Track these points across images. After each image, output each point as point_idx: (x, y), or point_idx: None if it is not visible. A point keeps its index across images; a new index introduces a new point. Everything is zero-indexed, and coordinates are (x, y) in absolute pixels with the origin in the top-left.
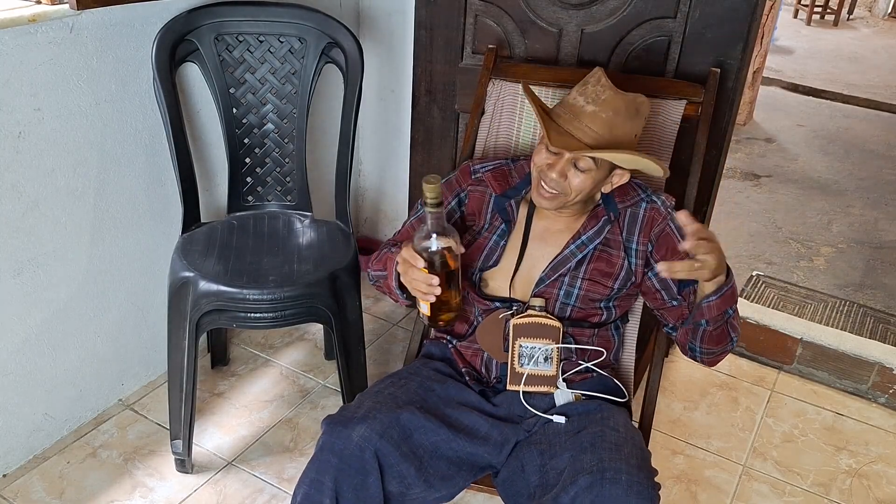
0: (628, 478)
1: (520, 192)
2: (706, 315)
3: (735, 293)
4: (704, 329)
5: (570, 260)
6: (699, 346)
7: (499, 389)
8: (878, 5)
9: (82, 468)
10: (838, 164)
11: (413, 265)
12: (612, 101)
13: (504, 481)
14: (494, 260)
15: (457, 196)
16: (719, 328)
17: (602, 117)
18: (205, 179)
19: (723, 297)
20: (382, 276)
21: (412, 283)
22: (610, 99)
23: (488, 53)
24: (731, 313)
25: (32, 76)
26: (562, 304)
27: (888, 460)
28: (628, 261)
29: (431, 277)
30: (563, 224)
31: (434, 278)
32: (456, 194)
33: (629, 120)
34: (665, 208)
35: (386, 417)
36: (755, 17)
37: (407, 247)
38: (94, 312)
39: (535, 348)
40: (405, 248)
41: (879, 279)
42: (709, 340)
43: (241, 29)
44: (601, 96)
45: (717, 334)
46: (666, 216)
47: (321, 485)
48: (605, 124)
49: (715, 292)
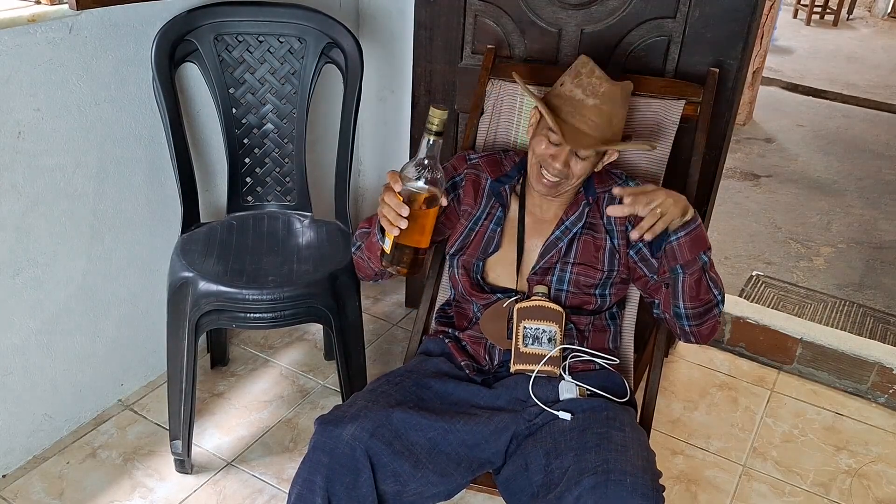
0: (633, 479)
1: (512, 179)
2: (679, 258)
3: (704, 237)
4: (683, 279)
5: (556, 245)
6: (683, 306)
7: (502, 375)
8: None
9: (82, 468)
10: (838, 164)
11: (391, 187)
12: (610, 94)
13: (506, 480)
14: (495, 246)
15: (452, 180)
16: (696, 275)
17: (604, 110)
18: (204, 179)
19: (692, 236)
20: (365, 234)
21: (384, 208)
22: (608, 91)
23: (488, 53)
24: (707, 261)
25: (32, 76)
26: (556, 291)
27: (888, 460)
28: (611, 242)
29: (402, 205)
30: (553, 214)
31: (405, 208)
32: (452, 178)
33: (623, 107)
34: None
35: (377, 416)
36: (755, 17)
37: (392, 170)
38: (94, 312)
39: (540, 329)
40: (390, 171)
41: (879, 279)
42: (690, 295)
43: (240, 29)
44: (600, 89)
45: (696, 286)
46: None
47: (313, 484)
48: (606, 116)
49: (682, 228)
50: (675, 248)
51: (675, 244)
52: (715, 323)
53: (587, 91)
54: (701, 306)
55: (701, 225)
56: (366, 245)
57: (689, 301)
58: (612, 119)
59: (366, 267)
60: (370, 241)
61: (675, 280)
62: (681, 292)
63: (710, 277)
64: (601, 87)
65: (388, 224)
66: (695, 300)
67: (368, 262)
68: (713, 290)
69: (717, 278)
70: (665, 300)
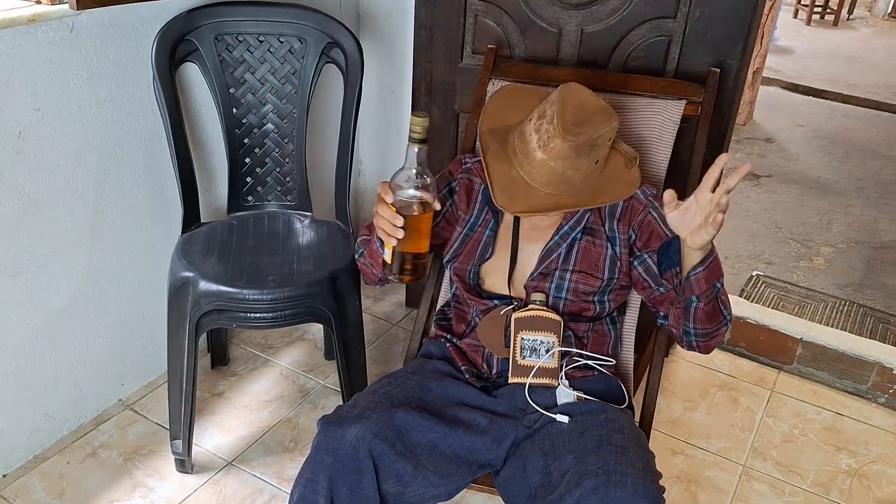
0: (634, 481)
1: None
2: (695, 290)
3: (719, 265)
4: (696, 306)
5: (555, 251)
6: (693, 327)
7: (500, 384)
8: (878, 5)
9: (82, 468)
10: (838, 164)
11: (383, 199)
12: (559, 150)
13: (505, 481)
14: (490, 253)
15: (448, 185)
16: (710, 303)
17: (550, 166)
18: (205, 179)
19: (709, 269)
20: (366, 240)
21: (378, 220)
22: (557, 148)
23: (488, 53)
24: (720, 287)
25: (32, 76)
26: (554, 298)
27: (888, 460)
28: (612, 249)
29: (397, 217)
30: (551, 220)
31: (399, 218)
32: (448, 183)
33: (582, 157)
34: (646, 197)
35: (380, 417)
36: (755, 17)
37: (383, 182)
38: (94, 312)
39: (537, 341)
40: (381, 183)
41: (879, 279)
42: (702, 319)
43: (240, 29)
44: (550, 143)
45: (709, 311)
46: (647, 205)
47: (316, 484)
48: (553, 171)
49: (701, 262)
50: (692, 283)
51: (694, 279)
52: (721, 338)
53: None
54: (711, 328)
55: (717, 256)
56: (367, 252)
57: (700, 324)
58: (563, 172)
59: (370, 273)
60: (371, 249)
61: (689, 306)
62: (693, 317)
63: (721, 301)
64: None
65: (385, 235)
66: (706, 323)
67: (372, 268)
68: (723, 312)
69: (726, 300)
70: (675, 319)
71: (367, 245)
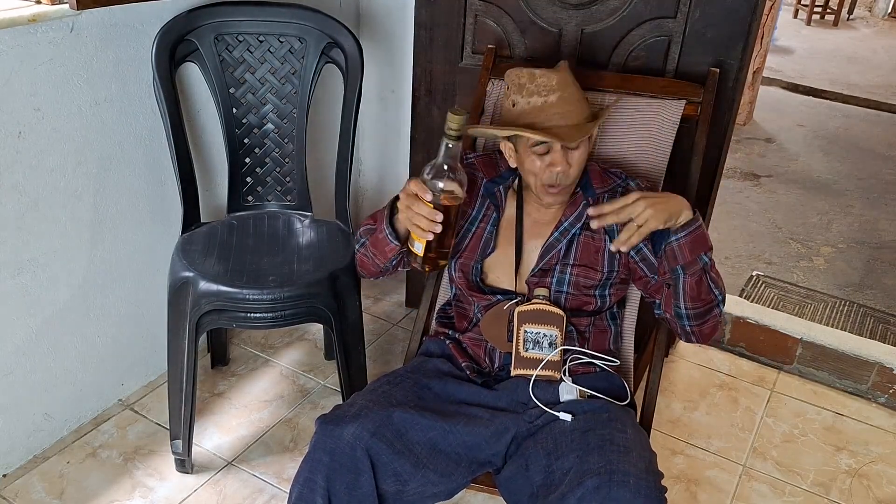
0: (636, 481)
1: (506, 180)
2: (679, 259)
3: (705, 238)
4: (684, 280)
5: (556, 247)
6: (683, 306)
7: (502, 377)
8: (878, 5)
9: (82, 468)
10: (838, 164)
11: (421, 197)
12: (561, 80)
13: (507, 480)
14: (492, 247)
15: None
16: (697, 276)
17: (567, 96)
18: (205, 179)
19: (692, 237)
20: (370, 230)
21: (413, 217)
22: (559, 80)
23: (488, 53)
24: (707, 261)
25: (32, 76)
26: (555, 293)
27: (888, 460)
28: (610, 242)
29: (436, 213)
30: (551, 216)
31: (438, 214)
32: None
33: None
34: (640, 189)
35: (378, 416)
36: (755, 17)
37: (415, 179)
38: (94, 312)
39: (540, 333)
40: (412, 180)
41: (879, 279)
42: (691, 296)
43: (241, 29)
44: (551, 83)
45: (697, 287)
46: None
47: (313, 483)
48: (574, 100)
49: (683, 228)
50: (675, 249)
51: (676, 245)
52: (716, 323)
53: (543, 92)
54: (702, 307)
55: (702, 226)
56: (371, 242)
57: (690, 301)
58: (579, 99)
59: (370, 264)
60: (376, 238)
61: (676, 281)
62: (682, 293)
63: (710, 278)
64: (552, 81)
65: (421, 231)
66: (696, 301)
67: (374, 258)
68: (714, 291)
69: (717, 279)
70: (666, 300)
71: (372, 235)
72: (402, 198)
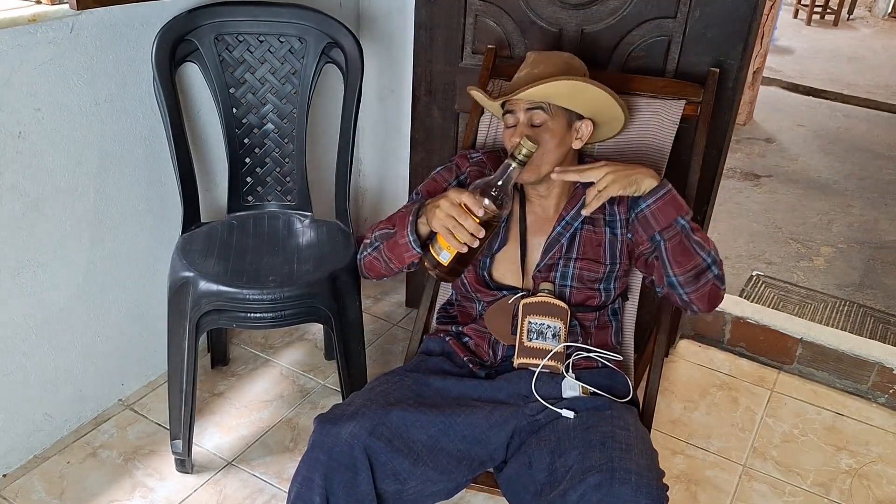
0: (638, 478)
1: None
2: (655, 226)
3: (677, 202)
4: (665, 247)
5: (558, 241)
6: (673, 273)
7: (504, 369)
8: (878, 5)
9: (82, 468)
10: (838, 164)
11: (470, 211)
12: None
13: (509, 478)
14: (500, 242)
15: (457, 179)
16: (676, 240)
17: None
18: (205, 179)
19: (662, 202)
20: (388, 234)
21: (456, 228)
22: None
23: (488, 53)
24: (685, 224)
25: (32, 76)
26: (560, 287)
27: (888, 460)
28: (612, 232)
29: (481, 229)
30: (553, 211)
31: (482, 230)
32: (457, 177)
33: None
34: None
35: (376, 414)
36: (755, 17)
37: (468, 192)
38: (94, 312)
39: (544, 325)
40: (464, 192)
41: (879, 279)
42: (677, 262)
43: (241, 29)
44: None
45: (680, 250)
46: None
47: (312, 482)
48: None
49: (650, 195)
50: (647, 216)
51: (647, 212)
52: (712, 287)
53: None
54: (692, 270)
55: (672, 191)
56: (387, 246)
57: (678, 267)
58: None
59: (382, 268)
60: (395, 243)
61: (659, 249)
62: (667, 260)
63: (693, 241)
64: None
65: (457, 244)
66: (683, 266)
67: (388, 263)
68: (700, 253)
69: (702, 240)
70: (658, 274)
71: (390, 239)
72: (444, 205)
